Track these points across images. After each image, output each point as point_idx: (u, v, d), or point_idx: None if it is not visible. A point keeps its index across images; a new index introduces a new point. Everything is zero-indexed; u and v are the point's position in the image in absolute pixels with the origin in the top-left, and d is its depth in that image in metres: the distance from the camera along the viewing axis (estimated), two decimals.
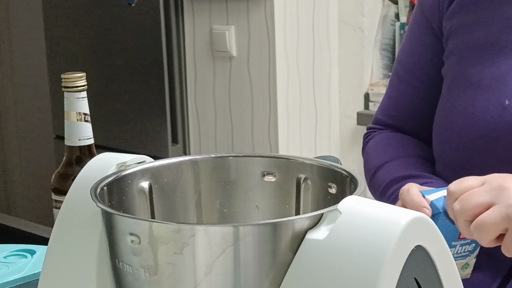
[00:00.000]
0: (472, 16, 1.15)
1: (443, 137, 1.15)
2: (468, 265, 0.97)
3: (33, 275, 1.12)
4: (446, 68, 1.18)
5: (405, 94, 1.27)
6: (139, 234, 0.64)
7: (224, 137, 2.72)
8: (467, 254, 0.96)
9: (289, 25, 2.58)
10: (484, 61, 1.12)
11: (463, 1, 1.17)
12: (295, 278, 0.63)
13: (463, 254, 0.95)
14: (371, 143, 1.31)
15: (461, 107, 1.11)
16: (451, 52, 1.17)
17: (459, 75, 1.14)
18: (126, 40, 2.83)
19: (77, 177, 0.77)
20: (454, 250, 0.94)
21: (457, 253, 0.95)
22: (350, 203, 0.64)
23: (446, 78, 1.18)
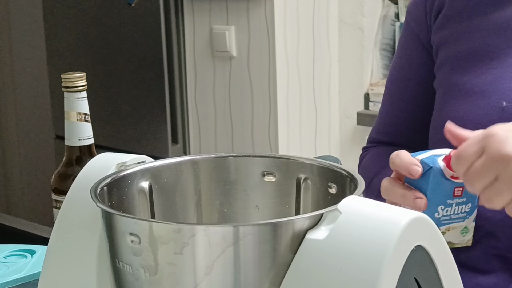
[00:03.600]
0: (459, 26, 1.15)
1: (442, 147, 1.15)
2: (467, 229, 0.95)
3: (33, 275, 1.12)
4: (438, 80, 1.18)
5: (398, 110, 1.27)
6: (139, 234, 0.64)
7: (224, 137, 2.72)
8: (465, 216, 0.94)
9: (289, 25, 2.58)
10: (476, 69, 1.12)
11: (449, 13, 1.17)
12: (295, 278, 0.63)
13: (460, 216, 0.94)
14: (365, 159, 1.31)
15: (458, 115, 1.11)
16: (442, 64, 1.17)
17: (453, 85, 1.14)
18: (126, 40, 2.83)
19: (77, 177, 0.78)
20: (451, 209, 0.92)
21: (454, 214, 0.93)
22: (350, 203, 0.64)
23: (439, 90, 1.17)
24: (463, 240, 0.95)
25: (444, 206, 0.92)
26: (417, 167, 0.91)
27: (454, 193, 0.92)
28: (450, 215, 0.93)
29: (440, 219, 0.92)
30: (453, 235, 0.94)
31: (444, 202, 0.91)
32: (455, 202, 0.92)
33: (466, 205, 0.93)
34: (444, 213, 0.92)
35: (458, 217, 0.93)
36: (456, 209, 0.93)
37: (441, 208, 0.92)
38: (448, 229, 0.93)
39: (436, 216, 0.92)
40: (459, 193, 0.92)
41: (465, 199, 0.93)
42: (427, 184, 0.91)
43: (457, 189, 0.91)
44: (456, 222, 0.94)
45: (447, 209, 0.92)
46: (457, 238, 0.94)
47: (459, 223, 0.94)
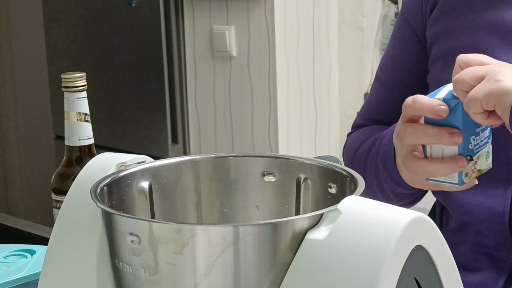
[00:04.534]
0: (453, 22, 1.15)
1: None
2: (489, 153, 0.97)
3: (33, 275, 1.12)
4: (431, 75, 1.18)
5: (385, 97, 1.26)
6: (139, 234, 0.64)
7: (224, 137, 2.72)
8: (487, 141, 0.96)
9: (289, 25, 2.58)
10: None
11: (443, 8, 1.16)
12: (295, 278, 0.63)
13: (485, 142, 0.95)
14: (350, 138, 1.30)
15: None
16: (435, 59, 1.17)
17: (445, 81, 1.12)
18: (126, 40, 2.83)
19: (77, 177, 0.77)
20: (479, 138, 0.94)
21: (481, 141, 0.95)
22: (350, 203, 0.64)
23: (432, 85, 1.17)
24: (487, 165, 0.97)
25: (474, 136, 0.93)
26: (444, 107, 0.91)
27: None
28: (478, 143, 0.94)
29: (473, 149, 0.94)
30: (482, 161, 0.95)
31: (474, 131, 0.93)
32: (480, 129, 0.94)
33: (486, 130, 0.95)
34: (475, 142, 0.94)
35: (484, 142, 0.95)
36: (482, 136, 0.95)
37: (473, 138, 0.93)
38: (479, 158, 0.95)
39: (470, 147, 0.93)
40: None
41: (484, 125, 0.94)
42: (458, 118, 0.91)
43: None
44: (483, 148, 0.95)
45: (476, 138, 0.94)
46: (484, 164, 0.96)
47: (484, 148, 0.95)
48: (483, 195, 1.09)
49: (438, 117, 0.91)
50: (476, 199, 1.09)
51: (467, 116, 0.91)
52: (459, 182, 0.94)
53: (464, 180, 0.94)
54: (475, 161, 0.94)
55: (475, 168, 0.95)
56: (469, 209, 1.10)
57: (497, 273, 1.10)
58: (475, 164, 0.94)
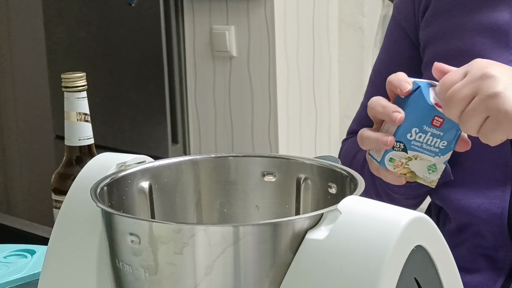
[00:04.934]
0: (445, 25, 1.14)
1: None
2: (435, 168, 0.94)
3: (33, 275, 1.12)
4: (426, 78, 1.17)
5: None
6: (139, 234, 0.64)
7: (224, 137, 2.72)
8: (437, 152, 0.92)
9: (289, 25, 2.58)
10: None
11: (436, 10, 1.16)
12: (295, 278, 0.63)
13: (432, 150, 0.92)
14: (347, 144, 1.30)
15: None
16: (428, 62, 1.16)
17: None
18: (126, 40, 2.83)
19: (77, 177, 0.77)
20: (424, 137, 0.92)
21: (427, 144, 0.92)
22: (350, 203, 0.64)
23: None
24: (428, 178, 0.94)
25: (418, 130, 0.91)
26: (407, 84, 0.92)
27: (433, 122, 0.91)
28: (422, 142, 0.92)
29: (411, 142, 0.92)
30: (420, 166, 0.93)
31: (420, 126, 0.91)
32: (431, 132, 0.92)
33: (441, 140, 0.92)
34: (417, 137, 0.91)
35: (430, 149, 0.92)
36: (430, 140, 0.92)
37: (415, 131, 0.91)
38: (416, 157, 0.92)
39: (408, 138, 0.91)
40: (438, 124, 0.91)
41: (442, 134, 0.92)
42: (409, 101, 0.91)
43: (437, 118, 0.91)
44: (427, 154, 0.93)
45: (420, 135, 0.91)
46: (422, 172, 0.94)
47: (429, 156, 0.93)
48: (482, 197, 1.09)
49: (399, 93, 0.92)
50: (474, 200, 1.09)
51: (418, 105, 0.90)
52: (380, 161, 0.93)
53: (386, 163, 0.93)
54: (409, 157, 0.92)
55: (406, 164, 0.93)
56: (467, 211, 1.10)
57: (496, 274, 1.09)
58: (408, 160, 0.92)
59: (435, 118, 0.91)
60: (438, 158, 0.93)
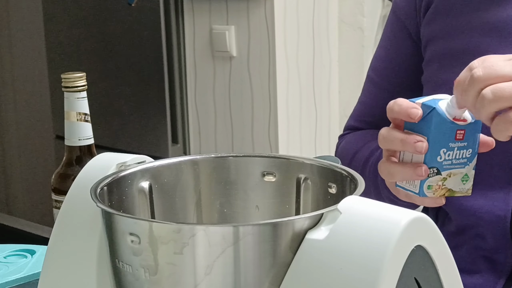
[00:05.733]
0: (449, 22, 1.12)
1: None
2: (468, 177, 0.93)
3: (33, 275, 1.12)
4: (426, 76, 1.15)
5: (379, 98, 1.24)
6: (139, 234, 0.64)
7: (224, 137, 2.72)
8: (466, 162, 0.92)
9: (289, 25, 2.58)
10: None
11: (439, 7, 1.13)
12: (295, 278, 0.63)
13: (462, 162, 0.92)
14: (344, 141, 1.28)
15: None
16: (430, 60, 1.14)
17: (441, 83, 1.11)
18: (126, 40, 2.83)
19: (77, 177, 0.77)
20: (452, 154, 0.91)
21: (456, 159, 0.91)
22: (350, 203, 0.64)
23: (427, 86, 1.14)
24: (464, 189, 0.94)
25: (446, 150, 0.90)
26: (416, 110, 0.89)
27: (456, 136, 0.90)
28: (451, 159, 0.91)
29: (443, 163, 0.91)
30: (454, 181, 0.93)
31: (447, 145, 0.90)
32: (457, 146, 0.91)
33: (467, 150, 0.92)
34: (446, 157, 0.91)
35: (460, 162, 0.92)
36: (458, 154, 0.91)
37: (443, 151, 0.90)
38: (450, 175, 0.92)
39: (439, 160, 0.91)
40: (461, 137, 0.90)
41: (466, 144, 0.91)
42: (429, 126, 0.89)
43: (459, 132, 0.90)
44: (458, 168, 0.92)
45: (449, 153, 0.91)
46: (458, 186, 0.93)
47: (460, 169, 0.92)
48: (484, 199, 1.08)
49: (411, 120, 0.89)
50: (477, 202, 1.08)
51: (440, 126, 0.89)
52: (419, 192, 0.92)
53: (425, 192, 0.92)
54: (444, 177, 0.92)
55: (443, 185, 0.92)
56: (469, 212, 1.09)
57: (496, 276, 1.08)
58: (444, 181, 0.92)
59: (457, 132, 0.90)
60: (468, 167, 0.93)
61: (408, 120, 0.90)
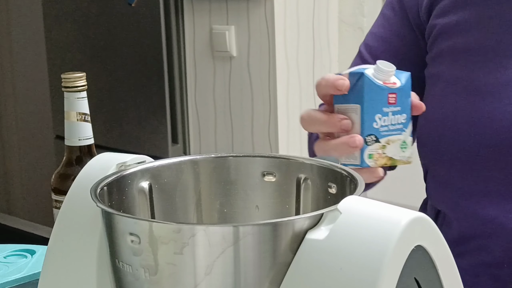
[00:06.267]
0: (468, 16, 1.05)
1: (437, 148, 1.06)
2: (406, 144, 0.92)
3: (33, 275, 1.12)
4: (435, 71, 1.09)
5: None
6: (139, 234, 0.64)
7: (224, 137, 2.72)
8: (402, 128, 0.91)
9: (289, 25, 2.58)
10: (486, 65, 1.03)
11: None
12: (295, 278, 0.63)
13: (398, 128, 0.91)
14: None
15: (461, 114, 1.02)
16: (441, 54, 1.08)
17: (456, 80, 1.05)
18: (126, 40, 2.83)
19: (77, 177, 0.77)
20: (388, 119, 0.90)
21: (392, 124, 0.90)
22: (350, 203, 0.64)
23: (437, 82, 1.08)
24: (404, 157, 0.93)
25: (381, 115, 0.89)
26: (343, 80, 0.87)
27: (389, 100, 0.89)
28: (388, 125, 0.90)
29: (379, 130, 0.90)
30: (394, 149, 0.91)
31: (381, 110, 0.89)
32: (391, 111, 0.90)
33: (401, 115, 0.91)
34: (382, 122, 0.90)
35: (396, 128, 0.91)
36: (393, 119, 0.91)
37: (379, 117, 0.89)
38: (388, 142, 0.91)
39: (375, 127, 0.89)
40: (393, 100, 0.90)
41: (399, 108, 0.90)
42: (361, 93, 0.88)
43: (391, 95, 0.89)
44: (395, 134, 0.91)
45: (384, 119, 0.90)
46: (398, 153, 0.92)
47: (398, 135, 0.91)
48: (498, 209, 1.01)
49: (339, 92, 0.88)
50: (489, 212, 1.02)
51: (372, 91, 0.88)
52: (361, 163, 0.90)
53: (367, 161, 0.90)
54: (384, 145, 0.90)
55: (384, 153, 0.91)
56: (479, 221, 1.03)
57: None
58: (383, 148, 0.91)
59: (389, 96, 0.90)
60: (405, 133, 0.92)
61: (336, 92, 0.89)
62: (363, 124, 0.89)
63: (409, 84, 0.91)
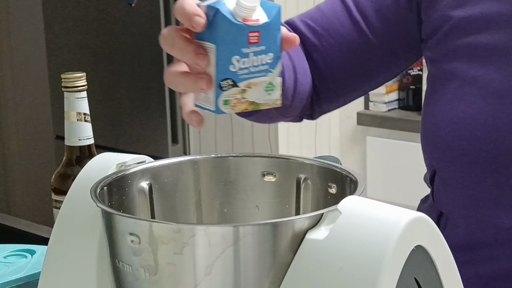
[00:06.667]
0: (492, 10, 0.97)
1: (450, 150, 0.98)
2: (273, 85, 0.81)
3: (33, 275, 1.12)
4: (447, 67, 1.00)
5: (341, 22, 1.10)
6: (139, 234, 0.64)
7: (224, 137, 2.71)
8: (267, 69, 0.79)
9: None
10: (507, 67, 0.95)
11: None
12: (295, 278, 0.63)
13: (262, 69, 0.79)
14: None
15: (478, 117, 0.95)
16: (456, 51, 0.99)
17: (472, 81, 0.97)
18: (126, 40, 2.83)
19: (77, 177, 0.78)
20: (248, 61, 0.78)
21: (254, 66, 0.79)
22: (350, 203, 0.64)
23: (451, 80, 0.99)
24: (270, 100, 0.81)
25: (239, 57, 0.78)
26: (199, 18, 0.76)
27: (249, 40, 0.78)
28: (248, 67, 0.79)
29: (237, 73, 0.78)
30: (257, 92, 0.80)
31: (239, 51, 0.78)
32: (252, 51, 0.78)
33: (266, 54, 0.79)
34: (241, 65, 0.78)
35: (260, 70, 0.79)
36: (255, 60, 0.79)
37: (236, 59, 0.78)
38: (249, 86, 0.79)
39: (232, 70, 0.78)
40: (256, 40, 0.78)
41: (264, 48, 0.78)
42: (216, 32, 0.77)
43: (252, 34, 0.78)
44: (258, 76, 0.79)
45: (243, 60, 0.78)
46: (262, 97, 0.81)
47: (262, 77, 0.80)
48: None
49: (194, 29, 0.77)
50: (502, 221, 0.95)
51: (228, 31, 0.77)
52: (215, 109, 0.80)
53: (222, 108, 0.79)
54: (243, 89, 0.79)
55: (244, 98, 0.80)
56: (491, 231, 0.96)
57: None
58: (243, 93, 0.80)
59: (250, 35, 0.78)
60: (271, 74, 0.80)
61: (192, 29, 0.78)
62: (218, 67, 0.78)
63: (278, 18, 0.79)
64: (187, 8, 0.77)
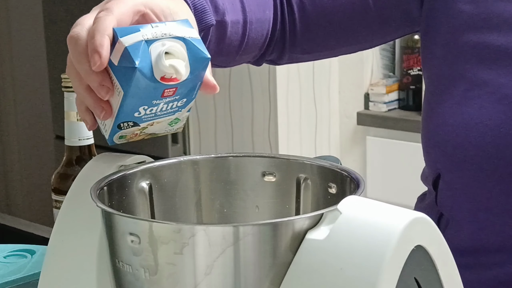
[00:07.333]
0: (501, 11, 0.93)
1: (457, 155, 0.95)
2: (178, 120, 0.79)
3: (33, 275, 1.12)
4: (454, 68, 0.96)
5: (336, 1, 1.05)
6: (139, 234, 0.64)
7: (224, 137, 2.71)
8: (176, 110, 0.77)
9: None
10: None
11: None
12: (295, 278, 0.63)
13: (170, 111, 0.76)
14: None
15: (488, 123, 0.91)
16: (464, 51, 0.95)
17: (482, 83, 0.93)
18: None
19: (77, 177, 0.78)
20: (157, 108, 0.75)
21: (162, 111, 0.76)
22: (350, 203, 0.64)
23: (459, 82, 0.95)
24: (171, 129, 0.81)
25: (148, 106, 0.74)
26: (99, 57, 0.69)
27: (164, 94, 0.73)
28: (155, 112, 0.76)
29: (142, 117, 0.75)
30: (159, 127, 0.79)
31: (149, 102, 0.74)
32: (163, 102, 0.75)
33: (179, 101, 0.76)
34: (147, 112, 0.75)
35: (167, 112, 0.77)
36: (165, 107, 0.75)
37: (144, 108, 0.74)
38: (152, 124, 0.77)
39: (136, 115, 0.75)
40: (171, 93, 0.74)
41: (178, 97, 0.75)
42: (128, 82, 0.71)
43: (168, 90, 0.73)
44: (164, 116, 0.77)
45: (151, 108, 0.75)
46: (163, 129, 0.80)
47: (168, 116, 0.77)
48: None
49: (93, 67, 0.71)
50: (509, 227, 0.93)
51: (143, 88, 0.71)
52: (108, 139, 0.78)
53: (116, 141, 0.78)
54: (144, 127, 0.77)
55: (142, 132, 0.78)
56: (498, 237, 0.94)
57: None
58: (143, 129, 0.78)
59: (165, 91, 0.73)
60: (179, 113, 0.78)
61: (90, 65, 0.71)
62: (120, 113, 0.74)
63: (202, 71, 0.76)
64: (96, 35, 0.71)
